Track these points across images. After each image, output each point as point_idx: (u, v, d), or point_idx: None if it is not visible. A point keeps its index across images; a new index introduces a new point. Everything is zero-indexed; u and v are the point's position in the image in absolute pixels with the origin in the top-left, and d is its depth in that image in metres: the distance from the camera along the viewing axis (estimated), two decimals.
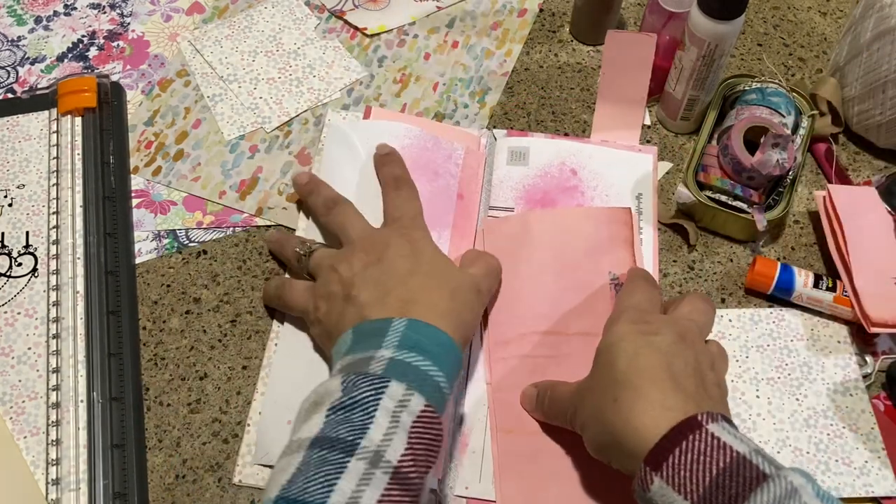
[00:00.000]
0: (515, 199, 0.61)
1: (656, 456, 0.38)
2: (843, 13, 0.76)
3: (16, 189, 0.62)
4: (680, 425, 0.38)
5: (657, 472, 0.37)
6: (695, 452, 0.37)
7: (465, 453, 0.52)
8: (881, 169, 0.66)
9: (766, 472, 0.35)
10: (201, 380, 0.56)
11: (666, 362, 0.41)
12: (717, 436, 0.37)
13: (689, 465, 0.36)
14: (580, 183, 0.62)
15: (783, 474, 0.35)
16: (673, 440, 0.37)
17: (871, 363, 0.55)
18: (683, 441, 0.37)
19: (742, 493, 0.35)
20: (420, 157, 0.61)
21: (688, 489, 0.36)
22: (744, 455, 0.36)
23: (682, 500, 0.36)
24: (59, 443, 0.52)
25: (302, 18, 0.74)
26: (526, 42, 0.73)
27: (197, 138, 0.66)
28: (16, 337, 0.56)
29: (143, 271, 0.60)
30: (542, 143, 0.64)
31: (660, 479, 0.37)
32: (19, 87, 0.69)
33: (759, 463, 0.36)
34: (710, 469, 0.36)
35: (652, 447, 0.38)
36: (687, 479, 0.36)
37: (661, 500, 0.37)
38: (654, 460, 0.38)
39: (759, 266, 0.57)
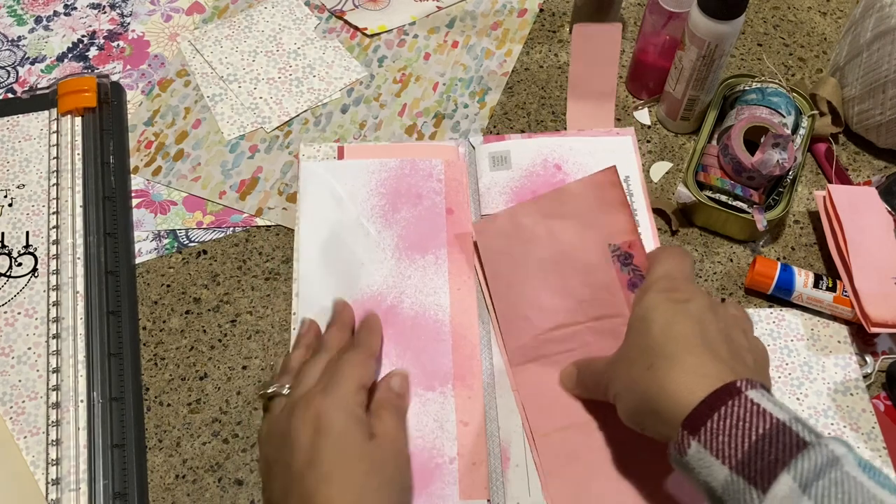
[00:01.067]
0: (506, 203, 0.61)
1: (694, 420, 0.37)
2: (843, 13, 0.76)
3: (16, 189, 0.62)
4: (719, 391, 0.37)
5: (695, 436, 0.37)
6: (734, 418, 0.36)
7: (508, 468, 0.51)
8: (881, 169, 0.66)
9: (807, 439, 0.35)
10: (201, 380, 0.56)
11: (700, 329, 0.41)
12: (756, 402, 0.37)
13: (728, 430, 0.36)
14: (566, 177, 0.62)
15: (824, 442, 0.35)
16: (711, 405, 0.37)
17: (872, 363, 0.55)
18: (722, 406, 0.37)
19: (782, 459, 0.34)
20: (400, 186, 0.61)
21: (726, 454, 0.36)
22: (784, 422, 0.36)
23: (720, 464, 0.36)
24: (59, 443, 0.52)
25: (302, 18, 0.74)
26: (526, 42, 0.73)
27: (197, 138, 0.66)
28: (16, 337, 0.56)
29: (143, 271, 0.60)
30: (521, 143, 0.64)
31: (697, 444, 0.37)
32: (19, 87, 0.69)
33: (799, 430, 0.36)
34: (750, 435, 0.36)
35: (690, 412, 0.38)
36: (725, 443, 0.36)
37: (698, 465, 0.37)
38: (692, 424, 0.37)
39: (759, 266, 0.57)
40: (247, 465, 0.52)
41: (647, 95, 0.69)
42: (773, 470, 0.34)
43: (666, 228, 0.62)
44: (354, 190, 0.61)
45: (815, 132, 0.65)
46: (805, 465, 0.34)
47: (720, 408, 0.37)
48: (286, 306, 0.58)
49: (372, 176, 0.62)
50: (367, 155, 0.63)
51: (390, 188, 0.61)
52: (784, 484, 0.34)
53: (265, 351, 0.57)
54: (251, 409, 0.54)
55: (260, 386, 0.54)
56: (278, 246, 0.61)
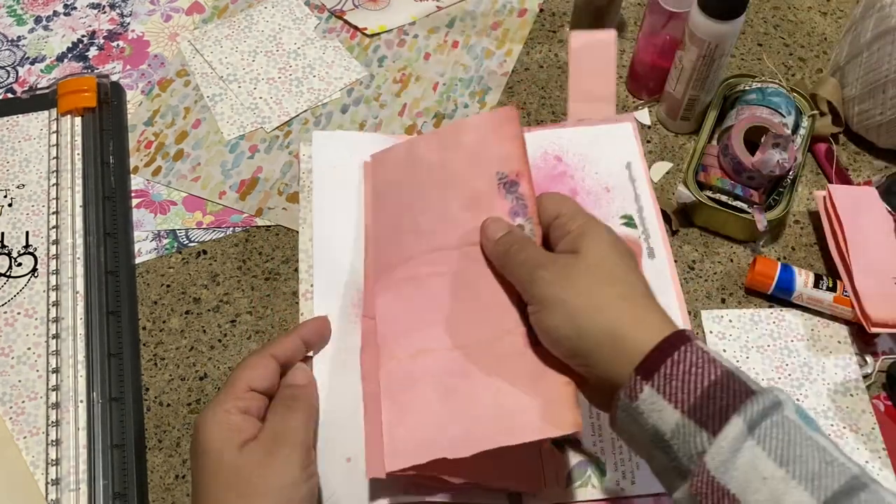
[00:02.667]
0: None
1: (648, 365, 0.38)
2: (843, 13, 0.76)
3: (16, 189, 0.62)
4: (671, 337, 0.38)
5: (648, 381, 0.38)
6: (686, 363, 0.37)
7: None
8: (881, 169, 0.66)
9: (752, 388, 0.37)
10: (201, 380, 0.56)
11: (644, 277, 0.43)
12: (705, 350, 0.38)
13: (681, 376, 0.37)
14: (567, 168, 0.62)
15: (768, 389, 0.37)
16: (665, 351, 0.38)
17: (872, 363, 0.55)
18: (675, 352, 0.38)
19: (732, 404, 0.36)
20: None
21: (679, 398, 0.37)
22: (732, 371, 0.37)
23: (672, 408, 0.37)
24: (59, 443, 0.51)
25: (302, 18, 0.74)
26: (526, 42, 0.73)
27: (197, 138, 0.66)
28: (16, 337, 0.56)
29: (143, 271, 0.60)
30: None
31: (650, 388, 0.37)
32: (19, 87, 0.69)
33: (745, 380, 0.37)
34: (702, 380, 0.37)
35: (643, 357, 0.38)
36: (678, 388, 0.37)
37: (648, 409, 0.38)
38: (646, 369, 0.38)
39: (760, 266, 0.57)
40: None
41: (647, 95, 0.69)
42: (724, 414, 0.36)
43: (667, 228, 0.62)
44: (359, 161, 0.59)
45: (816, 132, 0.65)
46: (753, 409, 0.35)
47: (673, 353, 0.38)
48: (286, 306, 0.58)
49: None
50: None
51: None
52: (735, 426, 0.35)
53: None
54: None
55: None
56: (278, 246, 0.61)
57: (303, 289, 0.56)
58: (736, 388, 0.36)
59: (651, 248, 0.59)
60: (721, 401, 0.36)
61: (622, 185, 0.61)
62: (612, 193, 0.61)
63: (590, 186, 0.61)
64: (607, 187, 0.61)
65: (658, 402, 0.37)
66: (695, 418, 0.36)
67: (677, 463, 0.37)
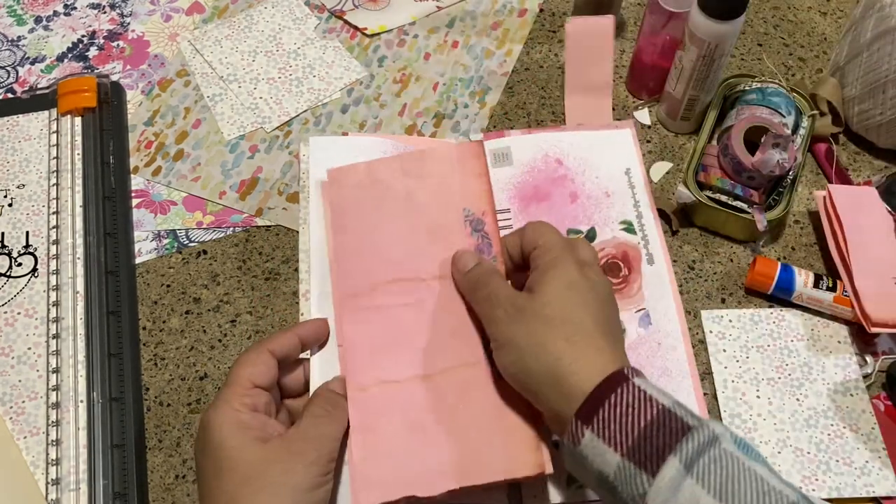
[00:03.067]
0: (509, 200, 0.61)
1: (587, 409, 0.39)
2: (843, 13, 0.76)
3: (16, 189, 0.62)
4: (609, 379, 0.39)
5: (588, 426, 0.38)
6: (623, 405, 0.38)
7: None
8: (881, 169, 0.66)
9: (690, 423, 0.37)
10: (201, 380, 0.56)
11: (603, 313, 0.44)
12: (642, 388, 0.39)
13: (619, 418, 0.38)
14: (568, 171, 0.62)
15: (705, 423, 0.37)
16: (604, 393, 0.39)
17: (872, 363, 0.55)
18: (612, 394, 0.38)
19: (669, 443, 0.36)
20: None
21: (617, 440, 0.37)
22: (668, 407, 0.38)
23: (612, 451, 0.37)
24: (59, 443, 0.52)
25: (302, 18, 0.74)
26: (526, 42, 0.73)
27: (197, 138, 0.66)
28: (16, 337, 0.56)
29: (143, 271, 0.60)
30: (522, 139, 0.64)
31: (591, 433, 0.38)
32: (19, 87, 0.69)
33: (683, 415, 0.38)
34: (639, 421, 0.37)
35: (583, 401, 0.39)
36: (616, 430, 0.37)
37: (592, 453, 0.38)
38: (585, 414, 0.39)
39: (760, 266, 0.57)
40: None
41: (648, 95, 0.69)
42: (661, 454, 0.36)
43: (666, 228, 0.62)
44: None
45: (816, 132, 0.65)
46: (689, 447, 0.36)
47: (610, 396, 0.38)
48: (286, 306, 0.58)
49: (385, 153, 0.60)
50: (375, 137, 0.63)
51: None
52: (671, 466, 0.36)
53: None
54: None
55: None
56: (278, 246, 0.61)
57: (303, 289, 0.56)
58: (672, 426, 0.37)
59: (650, 255, 0.59)
60: (658, 440, 0.37)
61: (622, 190, 0.62)
62: (611, 199, 0.61)
63: (590, 191, 0.61)
64: (607, 192, 0.61)
65: (598, 446, 0.38)
66: (634, 460, 0.37)
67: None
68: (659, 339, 0.56)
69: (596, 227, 0.60)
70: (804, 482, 0.51)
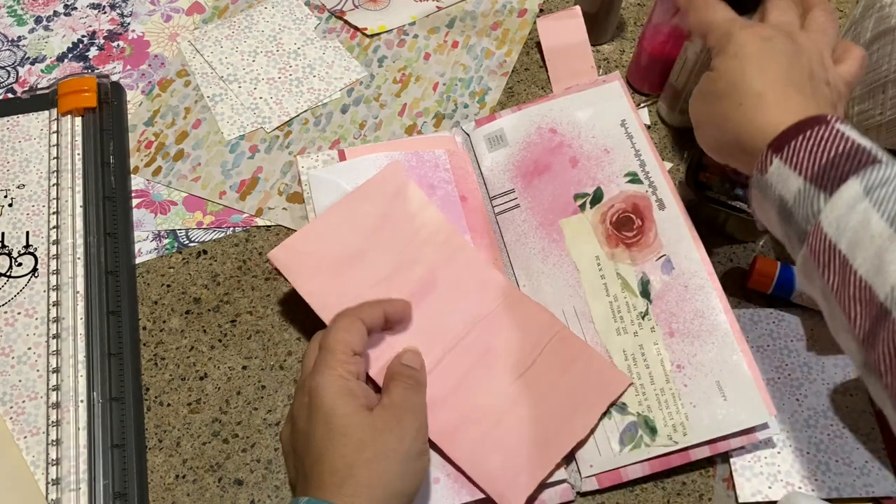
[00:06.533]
0: (511, 180, 0.61)
1: (780, 140, 0.40)
2: (843, 13, 0.76)
3: (16, 189, 0.62)
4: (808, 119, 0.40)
5: (778, 154, 0.39)
6: (817, 138, 0.38)
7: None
8: None
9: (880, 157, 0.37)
10: (201, 380, 0.56)
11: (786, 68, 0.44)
12: (841, 130, 0.39)
13: (810, 148, 0.38)
14: (563, 138, 0.62)
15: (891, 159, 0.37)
16: (799, 128, 0.39)
17: None
18: (808, 130, 0.39)
19: (853, 168, 0.36)
20: (411, 177, 0.61)
21: (804, 166, 0.38)
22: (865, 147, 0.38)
23: (797, 175, 0.38)
24: (59, 443, 0.52)
25: (302, 18, 0.74)
26: (526, 42, 0.73)
27: (197, 138, 0.66)
28: (16, 337, 0.56)
29: (143, 271, 0.60)
30: (512, 118, 0.64)
31: (779, 160, 0.39)
32: (19, 87, 0.69)
33: (877, 153, 0.38)
34: (829, 151, 0.38)
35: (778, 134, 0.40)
36: (805, 158, 0.38)
37: (776, 180, 0.39)
38: (777, 144, 0.40)
39: (760, 266, 0.57)
40: (247, 465, 0.52)
41: (650, 90, 0.69)
42: (843, 176, 0.36)
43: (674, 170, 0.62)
44: None
45: None
46: (873, 175, 0.36)
47: (806, 130, 0.39)
48: (286, 306, 0.58)
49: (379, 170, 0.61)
50: (369, 152, 0.63)
51: None
52: (851, 187, 0.36)
53: (265, 351, 0.57)
54: (251, 409, 0.54)
55: None
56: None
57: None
58: (861, 158, 0.37)
59: (660, 200, 0.59)
60: (843, 167, 0.37)
61: (620, 143, 0.61)
62: (612, 154, 0.61)
63: (589, 151, 0.62)
64: (606, 149, 0.61)
65: (783, 171, 0.39)
66: (816, 183, 0.37)
67: (797, 228, 0.38)
68: (685, 282, 0.55)
69: (602, 186, 0.60)
70: (804, 482, 0.51)
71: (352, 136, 0.66)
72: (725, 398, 0.52)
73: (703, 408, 0.51)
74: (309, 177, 0.61)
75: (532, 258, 0.58)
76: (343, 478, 0.41)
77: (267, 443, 0.53)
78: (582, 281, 0.57)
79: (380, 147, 0.64)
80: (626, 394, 0.53)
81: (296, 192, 0.63)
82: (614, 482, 0.51)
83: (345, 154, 0.63)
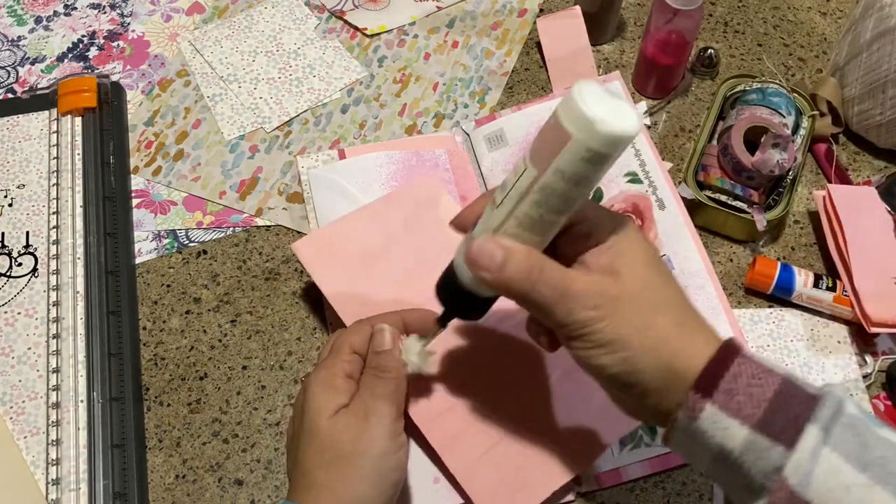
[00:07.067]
0: None
1: (706, 382, 0.35)
2: (843, 13, 0.76)
3: (16, 189, 0.62)
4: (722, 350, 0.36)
5: (708, 398, 0.35)
6: (745, 376, 0.35)
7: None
8: (881, 169, 0.66)
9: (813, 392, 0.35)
10: (201, 380, 0.56)
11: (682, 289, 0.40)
12: (756, 359, 0.36)
13: (743, 389, 0.35)
14: None
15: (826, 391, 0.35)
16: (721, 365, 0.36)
17: (871, 363, 0.55)
18: (732, 365, 0.35)
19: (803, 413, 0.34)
20: (411, 176, 0.61)
21: (745, 413, 0.35)
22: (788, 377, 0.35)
23: (739, 424, 0.34)
24: (59, 443, 0.52)
25: (302, 18, 0.74)
26: (526, 42, 0.73)
27: (197, 138, 0.66)
28: (16, 337, 0.56)
29: (143, 271, 0.60)
30: (512, 118, 0.64)
31: (712, 406, 0.35)
32: (19, 87, 0.69)
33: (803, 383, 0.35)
34: (765, 392, 0.35)
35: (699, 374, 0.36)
36: (744, 402, 0.35)
37: (712, 428, 0.35)
38: (705, 386, 0.35)
39: (759, 266, 0.57)
40: (247, 465, 0.52)
41: (652, 92, 0.69)
42: (798, 424, 0.34)
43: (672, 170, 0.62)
44: (366, 185, 0.61)
45: (816, 132, 0.65)
46: (824, 415, 0.34)
47: (729, 367, 0.35)
48: (286, 306, 0.58)
49: (381, 169, 0.62)
50: (369, 152, 0.63)
51: (402, 180, 0.61)
52: (811, 436, 0.33)
53: (265, 351, 0.57)
54: (251, 409, 0.54)
55: None
56: (278, 246, 0.61)
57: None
58: (801, 395, 0.35)
59: (660, 200, 0.59)
60: (789, 411, 0.34)
61: None
62: None
63: None
64: None
65: (722, 419, 0.35)
66: (765, 432, 0.34)
67: (748, 481, 0.35)
68: (685, 282, 0.55)
69: (601, 186, 0.60)
70: None
71: (352, 136, 0.66)
72: None
73: None
74: (309, 175, 0.62)
75: None
76: (308, 483, 0.41)
77: (267, 443, 0.53)
78: None
79: (380, 146, 0.64)
80: None
81: (296, 192, 0.63)
82: (614, 482, 0.51)
83: (345, 153, 0.63)
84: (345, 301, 0.53)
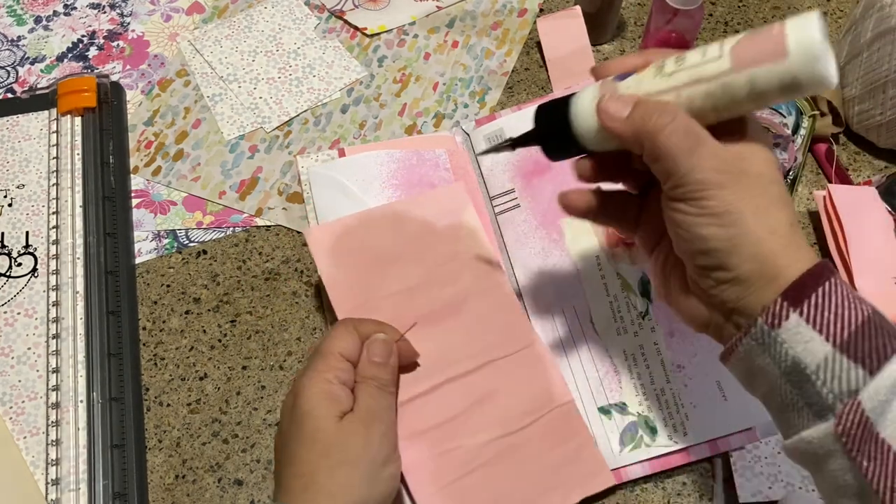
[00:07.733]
0: (512, 180, 0.61)
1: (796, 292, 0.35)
2: (843, 13, 0.76)
3: (16, 189, 0.62)
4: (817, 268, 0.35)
5: (795, 309, 0.35)
6: (837, 297, 0.35)
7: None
8: (881, 169, 0.66)
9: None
10: (201, 380, 0.56)
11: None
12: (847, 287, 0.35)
13: (833, 309, 0.34)
14: None
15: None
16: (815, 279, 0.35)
17: None
18: (826, 283, 0.35)
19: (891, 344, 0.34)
20: (412, 176, 0.61)
21: (830, 331, 0.34)
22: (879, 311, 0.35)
23: (822, 340, 0.34)
24: (59, 443, 0.52)
25: (302, 18, 0.74)
26: (526, 42, 0.73)
27: (197, 138, 0.66)
28: (16, 337, 0.56)
29: (143, 271, 0.60)
30: (512, 118, 0.64)
31: (797, 316, 0.35)
32: (19, 87, 0.69)
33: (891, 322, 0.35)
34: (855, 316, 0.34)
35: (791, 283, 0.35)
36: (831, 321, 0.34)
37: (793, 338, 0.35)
38: (795, 296, 0.35)
39: None
40: (247, 465, 0.52)
41: None
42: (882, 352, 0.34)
43: None
44: (367, 184, 0.61)
45: (816, 132, 0.65)
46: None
47: (823, 284, 0.35)
48: (286, 306, 0.58)
49: (381, 168, 0.61)
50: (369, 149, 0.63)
51: (402, 179, 0.61)
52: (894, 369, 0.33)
53: (265, 351, 0.57)
54: (251, 409, 0.54)
55: None
56: (278, 246, 0.61)
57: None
58: (889, 329, 0.34)
59: None
60: (877, 339, 0.34)
61: None
62: None
63: None
64: None
65: (805, 331, 0.34)
66: (848, 353, 0.34)
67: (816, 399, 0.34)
68: None
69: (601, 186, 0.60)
70: (804, 482, 0.51)
71: (352, 136, 0.66)
72: (726, 398, 0.52)
73: (703, 408, 0.51)
74: (309, 174, 0.61)
75: (532, 258, 0.58)
76: (306, 484, 0.42)
77: (267, 443, 0.53)
78: (582, 281, 0.57)
79: (380, 146, 0.64)
80: (627, 394, 0.53)
81: (296, 191, 0.63)
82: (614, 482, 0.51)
83: (345, 153, 0.63)
84: (343, 294, 0.53)
